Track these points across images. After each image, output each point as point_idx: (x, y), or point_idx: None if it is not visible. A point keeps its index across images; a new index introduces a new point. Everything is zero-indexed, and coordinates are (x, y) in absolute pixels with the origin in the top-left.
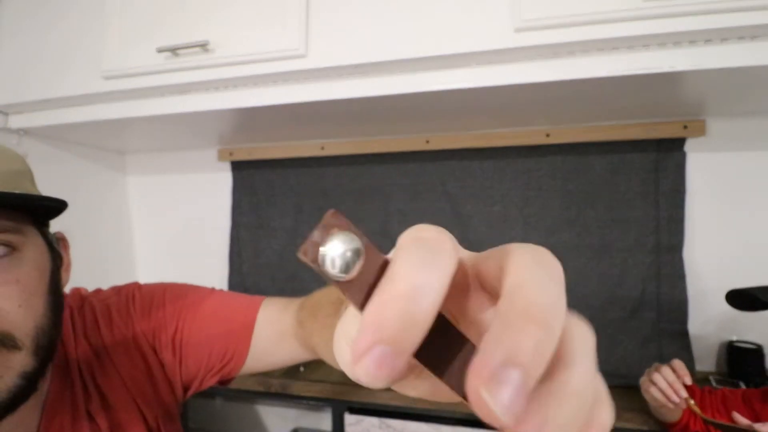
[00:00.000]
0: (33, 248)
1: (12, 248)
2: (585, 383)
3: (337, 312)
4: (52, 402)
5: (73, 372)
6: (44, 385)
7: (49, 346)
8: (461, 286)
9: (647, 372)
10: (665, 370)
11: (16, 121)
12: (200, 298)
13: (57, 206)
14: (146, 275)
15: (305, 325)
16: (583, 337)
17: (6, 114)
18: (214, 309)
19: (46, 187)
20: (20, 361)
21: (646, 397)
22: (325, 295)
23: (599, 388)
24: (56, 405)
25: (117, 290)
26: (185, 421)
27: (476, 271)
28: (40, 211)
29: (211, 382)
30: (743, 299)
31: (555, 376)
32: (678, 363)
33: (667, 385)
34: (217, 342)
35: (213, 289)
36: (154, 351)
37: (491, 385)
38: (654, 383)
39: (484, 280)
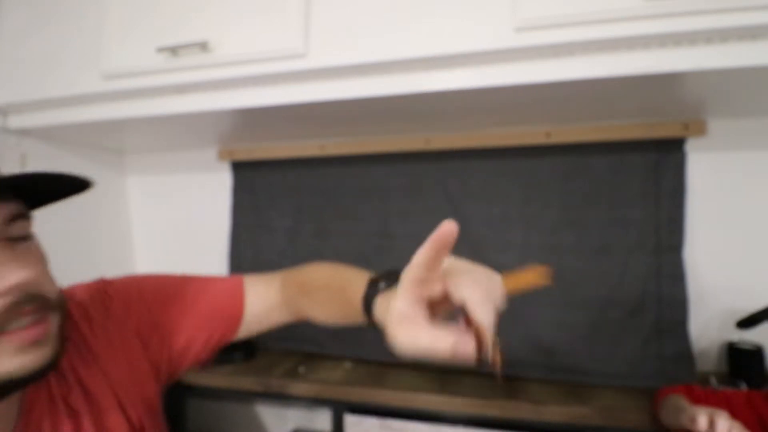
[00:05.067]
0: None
1: (30, 234)
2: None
3: (332, 296)
4: (30, 396)
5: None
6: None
7: (64, 308)
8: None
9: (699, 409)
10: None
11: (15, 121)
12: (182, 288)
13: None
14: None
15: (296, 301)
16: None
17: (6, 114)
18: (201, 298)
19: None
20: (57, 321)
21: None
22: (310, 277)
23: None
24: (34, 397)
25: (87, 288)
26: (185, 421)
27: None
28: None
29: (201, 358)
30: (751, 323)
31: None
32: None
33: None
34: (209, 327)
35: (188, 277)
36: (140, 341)
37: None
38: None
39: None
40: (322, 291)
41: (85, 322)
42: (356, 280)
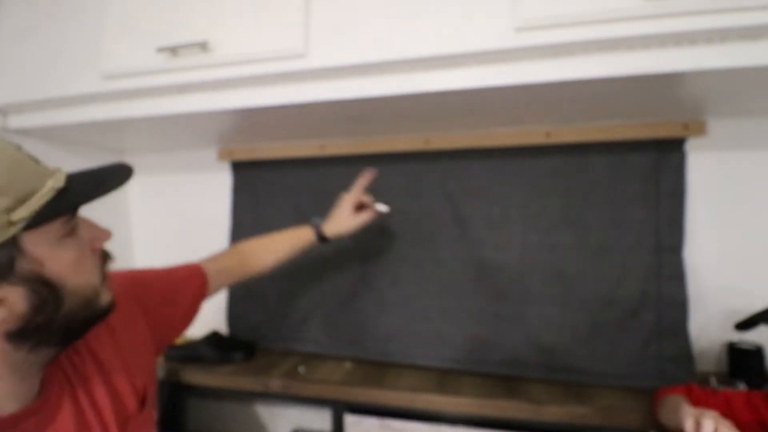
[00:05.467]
0: None
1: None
2: None
3: (275, 243)
4: (49, 367)
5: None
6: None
7: None
8: None
9: (687, 410)
10: (707, 423)
11: (15, 121)
12: (159, 278)
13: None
14: None
15: (247, 259)
16: None
17: (6, 114)
18: (174, 283)
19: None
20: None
21: (674, 416)
22: (254, 243)
23: None
24: (53, 369)
25: None
26: (185, 421)
27: None
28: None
29: (188, 323)
30: (749, 325)
31: None
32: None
33: None
34: (186, 303)
35: (157, 269)
36: (146, 318)
37: None
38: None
39: None
40: (264, 244)
41: None
42: (292, 229)
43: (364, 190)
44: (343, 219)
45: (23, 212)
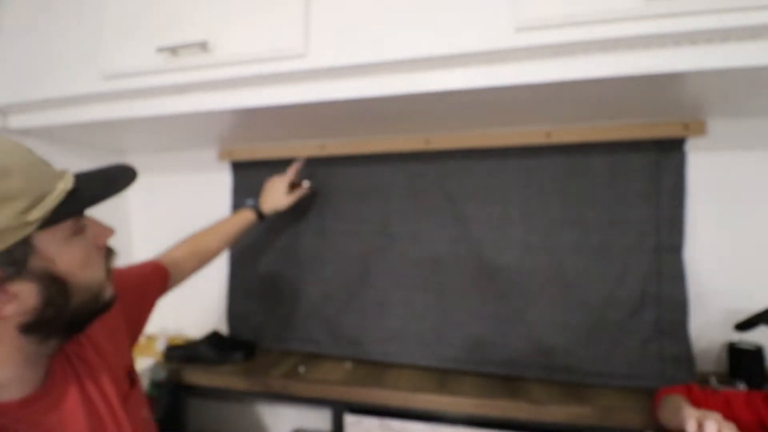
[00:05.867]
0: None
1: None
2: None
3: (223, 232)
4: (53, 355)
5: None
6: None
7: None
8: None
9: (690, 411)
10: (711, 425)
11: (15, 121)
12: (130, 272)
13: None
14: None
15: (198, 247)
16: None
17: (6, 114)
18: (140, 275)
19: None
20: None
21: (674, 417)
22: (199, 235)
23: None
24: (56, 356)
25: None
26: (185, 421)
27: None
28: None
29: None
30: (749, 326)
31: None
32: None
33: None
34: (156, 296)
35: (126, 267)
36: (125, 319)
37: None
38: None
39: None
40: (209, 231)
41: None
42: (232, 215)
43: (295, 174)
44: (279, 197)
45: (38, 213)
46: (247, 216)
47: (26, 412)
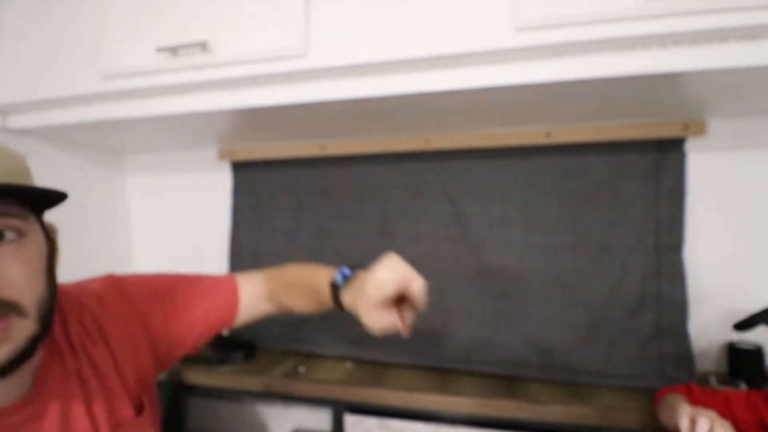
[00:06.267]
0: (35, 234)
1: (20, 234)
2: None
3: (306, 290)
4: (43, 368)
5: (62, 345)
6: (38, 356)
7: (48, 317)
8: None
9: (684, 409)
10: (702, 422)
11: (15, 121)
12: (186, 282)
13: (57, 197)
14: None
15: (278, 294)
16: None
17: (6, 114)
18: (201, 291)
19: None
20: (27, 327)
21: (672, 415)
22: (288, 273)
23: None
24: (47, 370)
25: (97, 280)
26: (185, 421)
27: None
28: (41, 202)
29: (199, 345)
30: (748, 326)
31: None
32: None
33: None
34: (208, 318)
35: (187, 274)
36: (143, 327)
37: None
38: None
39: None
40: (298, 286)
41: (99, 307)
42: (323, 277)
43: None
44: (374, 304)
45: None
46: (324, 291)
47: (2, 423)
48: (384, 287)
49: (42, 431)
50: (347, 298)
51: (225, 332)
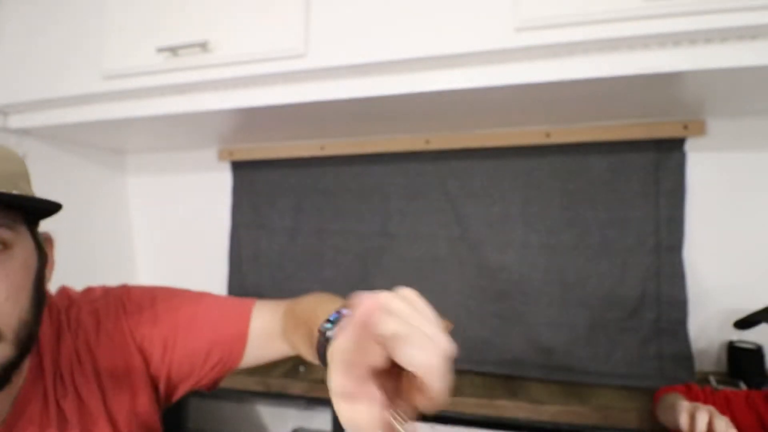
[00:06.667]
0: (23, 246)
1: (4, 245)
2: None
3: (307, 332)
4: (24, 393)
5: (47, 368)
6: (18, 379)
7: (28, 340)
8: None
9: (683, 406)
10: (720, 423)
11: (15, 121)
12: (193, 304)
13: (50, 207)
14: (146, 276)
15: (289, 333)
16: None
17: (6, 114)
18: (208, 316)
19: (45, 187)
20: (1, 352)
21: (671, 414)
22: (304, 309)
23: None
24: (28, 395)
25: (105, 292)
26: (185, 421)
27: None
28: (34, 211)
29: (204, 383)
30: (748, 324)
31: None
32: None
33: None
34: (213, 348)
35: (202, 294)
36: (141, 355)
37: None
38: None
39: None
40: (302, 325)
41: (94, 329)
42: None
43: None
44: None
45: None
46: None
47: None
48: (343, 338)
49: None
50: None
51: None
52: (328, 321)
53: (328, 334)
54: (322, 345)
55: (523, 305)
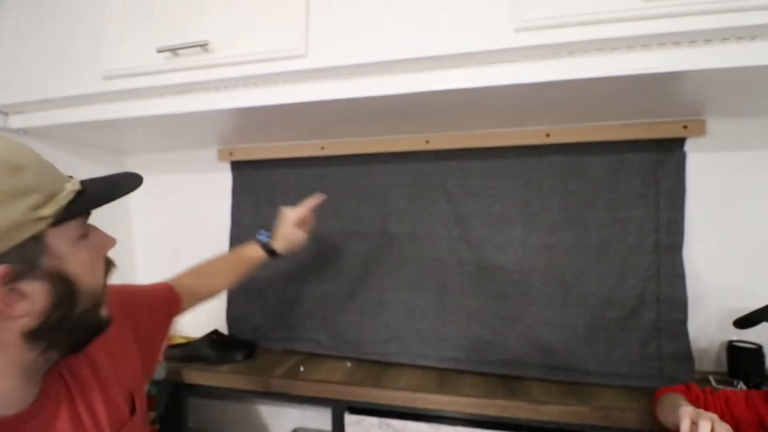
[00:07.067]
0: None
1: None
2: None
3: (232, 267)
4: (47, 378)
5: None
6: None
7: None
8: None
9: (684, 410)
10: (704, 424)
11: (15, 121)
12: (143, 291)
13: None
14: (146, 275)
15: (198, 280)
16: None
17: (6, 114)
18: (149, 293)
19: None
20: (107, 313)
21: (671, 414)
22: (207, 266)
23: None
24: (50, 380)
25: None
26: (185, 421)
27: None
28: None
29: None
30: (747, 323)
31: None
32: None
33: None
34: (164, 313)
35: (135, 285)
36: (136, 341)
37: None
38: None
39: None
40: (223, 267)
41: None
42: (244, 251)
43: (310, 212)
44: (292, 234)
45: (50, 209)
46: (257, 255)
47: (17, 431)
48: (296, 213)
49: None
50: (278, 245)
51: (225, 332)
52: (267, 237)
53: (264, 240)
54: (266, 245)
55: (523, 305)
